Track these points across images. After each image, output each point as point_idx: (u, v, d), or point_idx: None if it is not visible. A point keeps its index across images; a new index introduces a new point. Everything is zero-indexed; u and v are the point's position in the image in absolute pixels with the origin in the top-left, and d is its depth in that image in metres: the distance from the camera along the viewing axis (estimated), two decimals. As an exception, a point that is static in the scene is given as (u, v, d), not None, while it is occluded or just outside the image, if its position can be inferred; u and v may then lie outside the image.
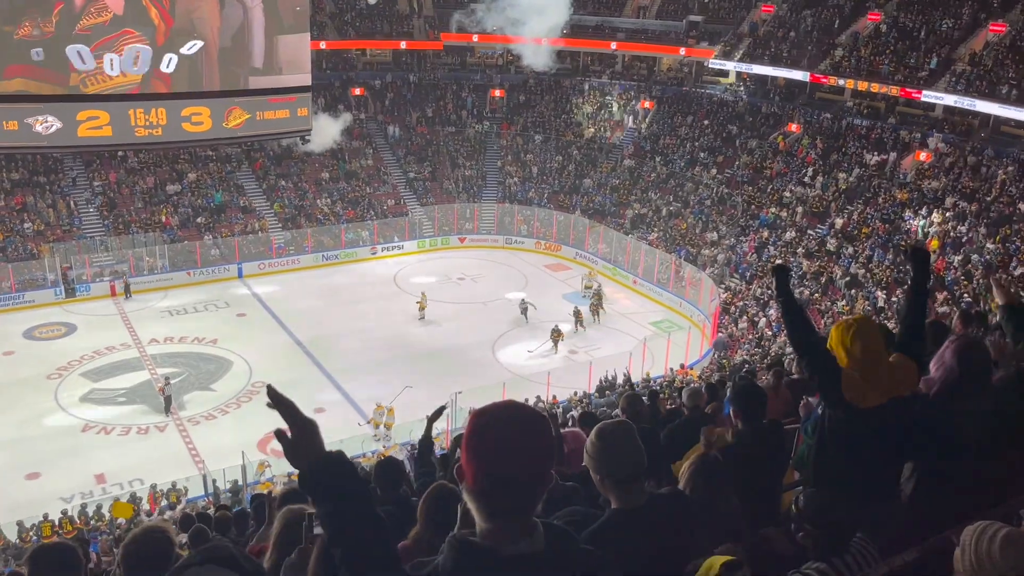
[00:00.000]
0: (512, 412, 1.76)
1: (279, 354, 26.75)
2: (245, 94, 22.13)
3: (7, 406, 22.85)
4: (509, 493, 1.71)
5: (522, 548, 1.72)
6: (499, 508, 1.72)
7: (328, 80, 40.76)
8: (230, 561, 1.57)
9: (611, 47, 43.06)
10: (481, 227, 38.82)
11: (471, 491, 1.74)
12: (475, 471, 1.73)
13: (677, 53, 42.15)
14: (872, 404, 3.27)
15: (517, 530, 1.73)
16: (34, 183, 33.52)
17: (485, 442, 1.73)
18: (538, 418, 1.77)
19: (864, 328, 3.37)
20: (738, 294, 30.31)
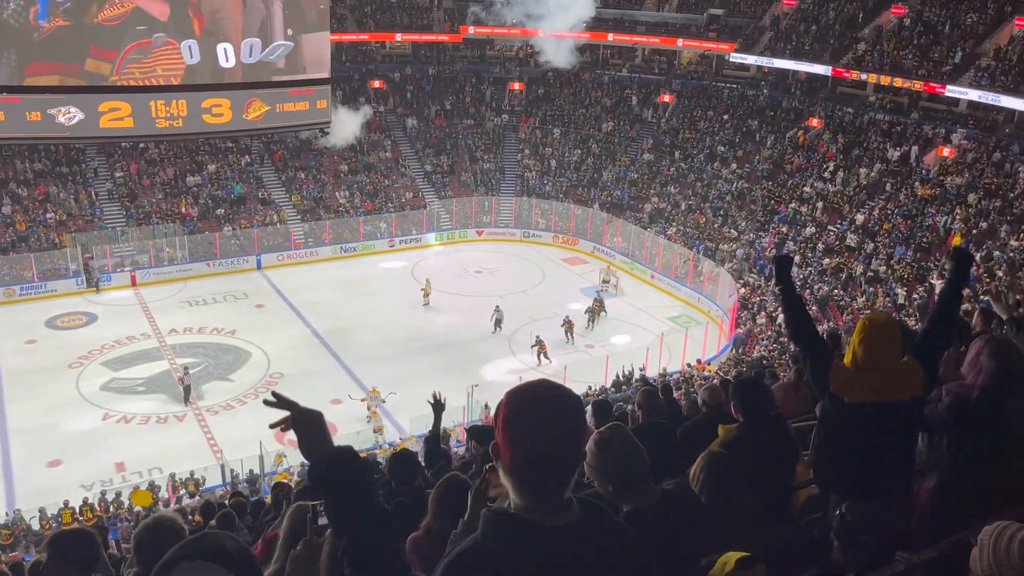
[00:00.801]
0: (545, 390, 1.81)
1: (297, 345, 26.91)
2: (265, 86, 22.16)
3: (29, 394, 23.15)
4: (545, 470, 1.76)
5: (560, 520, 1.76)
6: (536, 485, 1.77)
7: (347, 73, 40.86)
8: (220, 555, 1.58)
9: (631, 40, 42.82)
10: (499, 220, 38.82)
11: (508, 470, 1.79)
12: (512, 450, 1.77)
13: (698, 47, 41.87)
14: (856, 400, 3.28)
15: (554, 506, 1.77)
16: (57, 174, 33.87)
17: (520, 421, 1.77)
18: (570, 395, 1.82)
19: (876, 334, 3.31)
20: (757, 290, 30.14)
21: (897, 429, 3.31)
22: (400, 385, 23.51)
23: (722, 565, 2.65)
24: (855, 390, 3.29)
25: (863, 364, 3.30)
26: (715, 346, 27.70)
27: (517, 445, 1.76)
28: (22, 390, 23.39)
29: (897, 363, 3.32)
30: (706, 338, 27.86)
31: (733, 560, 2.61)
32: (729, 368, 23.40)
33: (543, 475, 1.76)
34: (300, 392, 23.30)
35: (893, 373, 3.29)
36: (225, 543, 1.66)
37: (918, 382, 3.31)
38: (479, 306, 29.93)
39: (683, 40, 41.57)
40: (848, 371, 3.34)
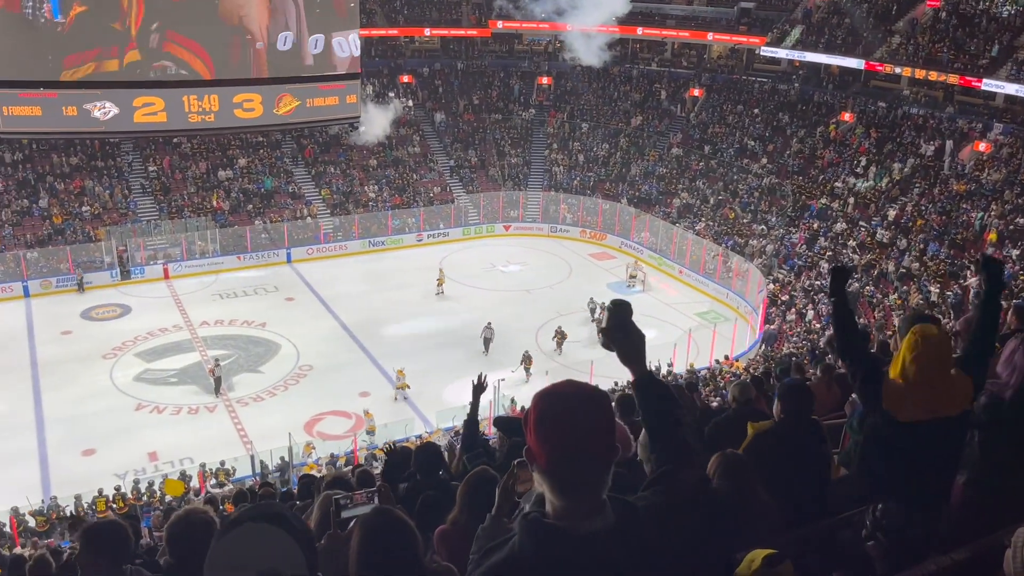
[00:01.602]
0: (574, 391, 1.82)
1: (326, 338, 27.13)
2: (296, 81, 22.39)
3: (65, 384, 23.59)
4: (580, 471, 1.77)
5: (595, 525, 1.77)
6: (571, 486, 1.78)
7: (377, 67, 41.04)
8: (280, 520, 1.63)
9: (660, 34, 42.54)
10: (526, 215, 38.82)
11: (543, 471, 1.79)
12: (545, 452, 1.77)
13: (728, 40, 41.51)
14: (910, 418, 3.22)
15: (589, 506, 1.79)
16: (92, 168, 34.41)
17: (552, 423, 1.78)
18: (600, 395, 1.82)
19: (929, 350, 3.22)
20: (786, 286, 29.86)
21: (947, 443, 3.26)
22: (427, 379, 23.68)
23: (748, 563, 2.64)
24: (908, 407, 3.22)
25: (915, 379, 3.22)
26: (744, 342, 27.50)
27: (550, 447, 1.77)
28: (58, 380, 23.84)
29: (949, 378, 3.25)
30: (734, 334, 27.68)
31: (760, 557, 2.60)
32: (758, 365, 23.21)
33: (578, 476, 1.77)
34: (329, 384, 23.58)
35: (945, 388, 3.22)
36: (284, 511, 1.69)
37: (968, 395, 3.26)
38: (506, 301, 30.01)
39: (713, 34, 41.23)
40: (900, 388, 3.25)
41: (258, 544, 1.57)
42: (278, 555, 1.57)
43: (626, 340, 2.24)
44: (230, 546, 1.57)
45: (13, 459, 19.87)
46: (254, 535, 1.59)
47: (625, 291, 31.44)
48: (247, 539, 1.58)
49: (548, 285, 31.98)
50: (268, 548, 1.57)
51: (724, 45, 42.51)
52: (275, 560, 1.57)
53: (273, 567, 1.56)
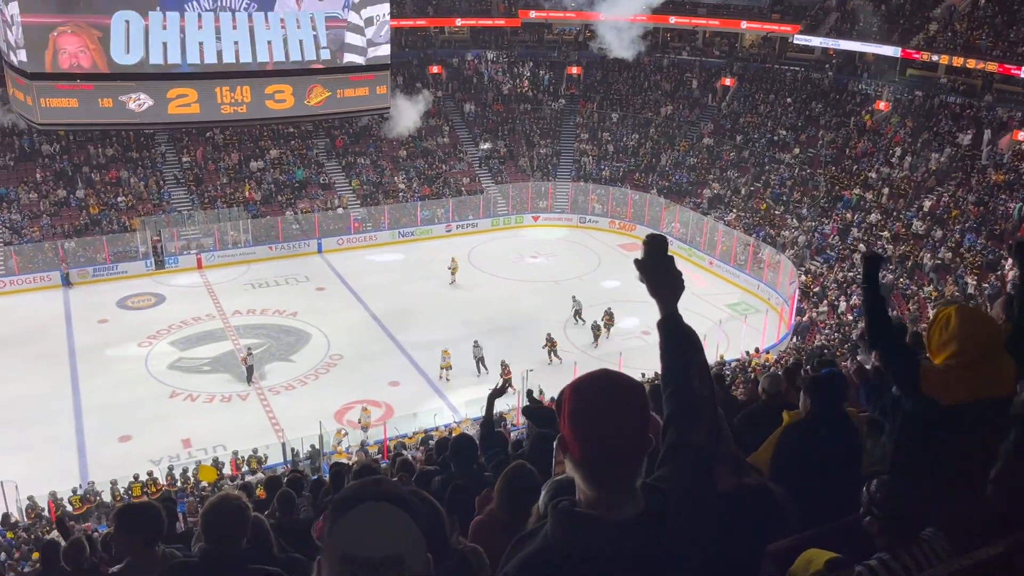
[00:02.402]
0: (608, 382, 1.82)
1: (356, 327, 27.35)
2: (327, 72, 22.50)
3: (101, 371, 24.04)
4: (614, 463, 1.77)
5: (626, 512, 1.78)
6: (605, 477, 1.78)
7: (407, 58, 41.12)
8: (399, 499, 1.60)
9: (692, 23, 42.13)
10: (555, 206, 38.75)
11: (577, 463, 1.80)
12: (580, 443, 1.78)
13: (761, 29, 41.01)
14: (955, 401, 3.15)
15: (622, 496, 1.79)
16: (127, 159, 34.93)
17: (587, 414, 1.78)
18: (635, 385, 1.82)
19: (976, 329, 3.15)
20: (818, 277, 29.54)
21: (991, 427, 3.17)
22: (455, 369, 23.79)
23: (805, 563, 2.57)
24: (951, 390, 3.14)
25: (959, 361, 3.14)
26: (774, 334, 27.27)
27: (584, 439, 1.77)
28: (94, 367, 24.30)
29: (997, 357, 3.16)
30: (765, 326, 27.46)
31: (822, 560, 2.53)
32: (789, 357, 23.00)
33: (612, 466, 1.77)
34: (359, 373, 23.73)
35: (992, 368, 3.14)
36: (401, 489, 1.66)
37: (1013, 377, 3.18)
38: (534, 292, 30.04)
39: (746, 22, 40.78)
40: (940, 370, 3.18)
41: (379, 525, 1.54)
42: (400, 537, 1.54)
43: (659, 271, 2.25)
44: (349, 528, 1.53)
45: (52, 445, 20.31)
46: (374, 516, 1.55)
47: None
48: (367, 520, 1.54)
49: (577, 276, 31.92)
50: (389, 529, 1.54)
51: (756, 33, 42.00)
52: (398, 542, 1.53)
53: (396, 550, 1.52)
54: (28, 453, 19.52)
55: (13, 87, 21.62)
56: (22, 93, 20.55)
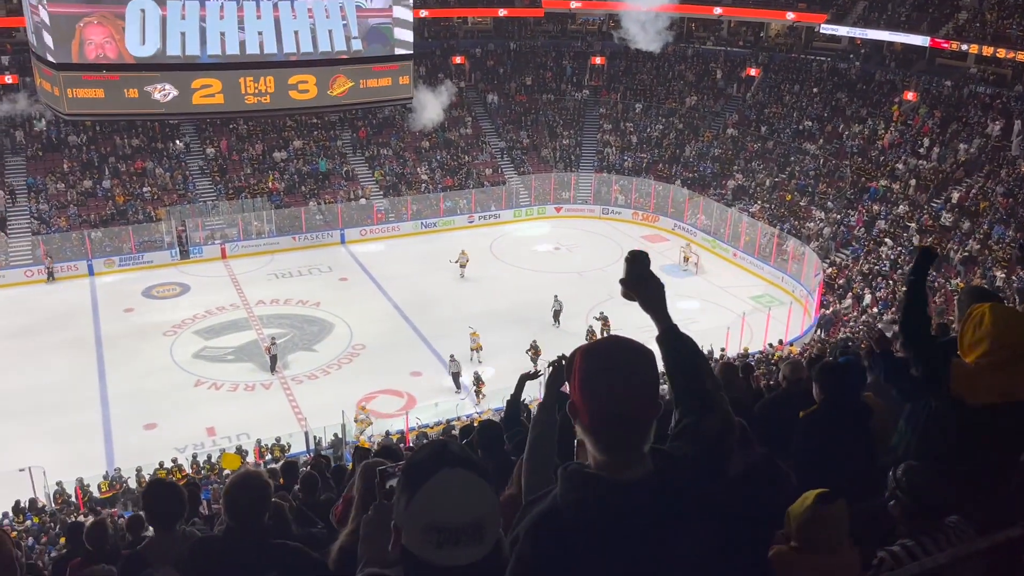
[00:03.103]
0: (619, 347, 1.83)
1: (378, 318, 27.46)
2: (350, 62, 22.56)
3: (128, 360, 24.33)
4: (624, 426, 1.78)
5: (635, 474, 1.79)
6: (615, 441, 1.79)
7: (429, 48, 41.10)
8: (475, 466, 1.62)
9: (714, 12, 41.71)
10: (578, 197, 38.63)
11: (587, 428, 1.81)
12: (589, 409, 1.79)
13: (785, 18, 40.54)
14: (982, 401, 3.07)
15: (631, 459, 1.80)
16: (152, 149, 35.25)
17: (598, 379, 1.79)
18: (644, 350, 1.82)
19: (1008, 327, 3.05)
20: (843, 269, 29.23)
21: (1019, 430, 3.08)
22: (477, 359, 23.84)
23: (801, 501, 2.70)
24: (980, 390, 3.05)
25: (990, 361, 3.04)
26: (798, 327, 27.03)
27: (595, 403, 1.78)
28: (121, 356, 24.59)
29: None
30: (789, 318, 27.23)
31: (812, 496, 2.65)
32: (812, 350, 22.81)
33: (622, 431, 1.78)
34: (381, 363, 23.78)
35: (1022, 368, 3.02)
36: (470, 453, 1.67)
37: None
38: (557, 283, 29.95)
39: (772, 11, 40.31)
40: (971, 369, 3.09)
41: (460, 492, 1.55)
42: (479, 501, 1.56)
43: (648, 288, 2.24)
44: (432, 497, 1.53)
45: (79, 432, 20.60)
46: (453, 483, 1.56)
47: (679, 274, 31.16)
48: (447, 488, 1.55)
49: (600, 267, 31.81)
50: (470, 495, 1.56)
51: (782, 23, 41.53)
52: (478, 507, 1.56)
53: (478, 515, 1.55)
54: (56, 439, 19.82)
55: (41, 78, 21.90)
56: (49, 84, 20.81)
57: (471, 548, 1.55)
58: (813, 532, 2.66)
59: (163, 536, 3.48)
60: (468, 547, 1.55)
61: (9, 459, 17.85)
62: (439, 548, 1.54)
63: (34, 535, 15.23)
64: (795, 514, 2.72)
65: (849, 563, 2.67)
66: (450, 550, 1.54)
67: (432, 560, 1.55)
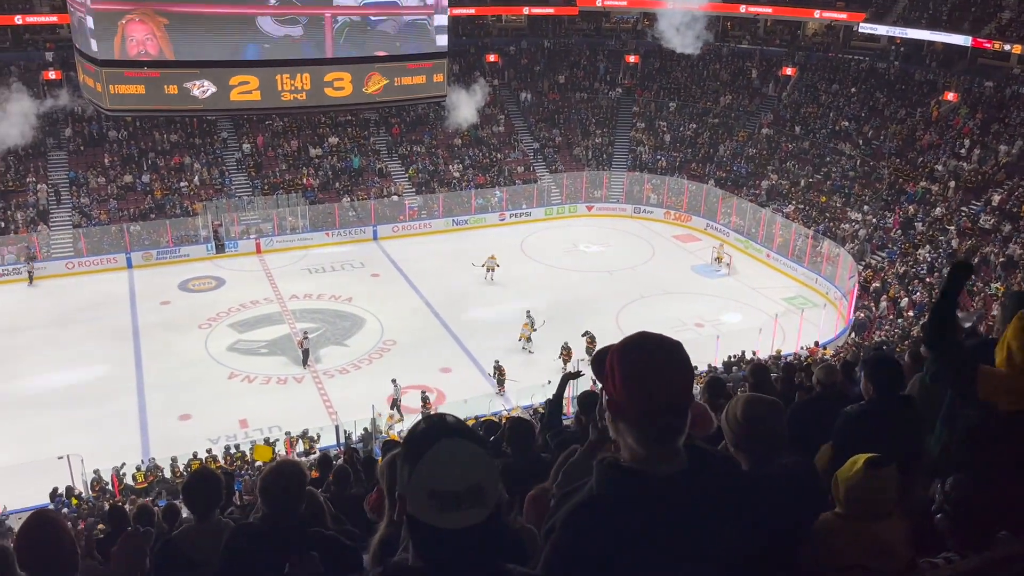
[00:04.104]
0: (656, 342, 1.87)
1: (409, 314, 27.62)
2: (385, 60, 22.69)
3: (164, 352, 24.73)
4: (665, 420, 1.82)
5: (670, 468, 1.83)
6: (656, 435, 1.83)
7: (463, 46, 41.19)
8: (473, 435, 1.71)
9: (751, 11, 41.33)
10: (609, 195, 38.51)
11: (633, 422, 1.85)
12: (639, 403, 1.82)
13: (823, 17, 40.06)
14: (1012, 408, 3.03)
15: (666, 453, 1.84)
16: (190, 144, 35.78)
17: (639, 374, 1.83)
18: (677, 345, 1.87)
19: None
20: (879, 272, 28.84)
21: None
22: (507, 357, 23.86)
23: (851, 465, 2.65)
24: (1013, 396, 3.00)
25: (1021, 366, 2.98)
26: (832, 329, 26.73)
27: (644, 395, 1.81)
28: (157, 347, 25.01)
29: None
30: (822, 321, 26.93)
31: (862, 460, 2.60)
32: (846, 353, 22.54)
33: (663, 425, 1.82)
34: (411, 359, 23.88)
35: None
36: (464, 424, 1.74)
37: None
38: (587, 282, 29.94)
39: (810, 10, 39.84)
40: (1001, 376, 3.04)
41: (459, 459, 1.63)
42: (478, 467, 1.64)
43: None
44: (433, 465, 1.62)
45: (116, 421, 21.00)
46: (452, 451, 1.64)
47: (710, 274, 30.98)
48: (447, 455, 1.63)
49: (630, 267, 31.73)
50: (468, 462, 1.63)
51: (820, 22, 41.04)
52: (477, 473, 1.63)
53: (477, 480, 1.63)
54: (93, 428, 20.21)
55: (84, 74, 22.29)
56: (92, 80, 21.17)
57: (473, 511, 1.62)
58: (862, 496, 2.60)
59: (200, 523, 3.57)
60: (470, 510, 1.62)
61: (48, 447, 18.25)
62: (442, 512, 1.61)
63: (72, 521, 15.56)
64: (843, 478, 2.65)
65: (898, 533, 2.59)
66: (452, 514, 1.61)
67: (437, 524, 1.62)
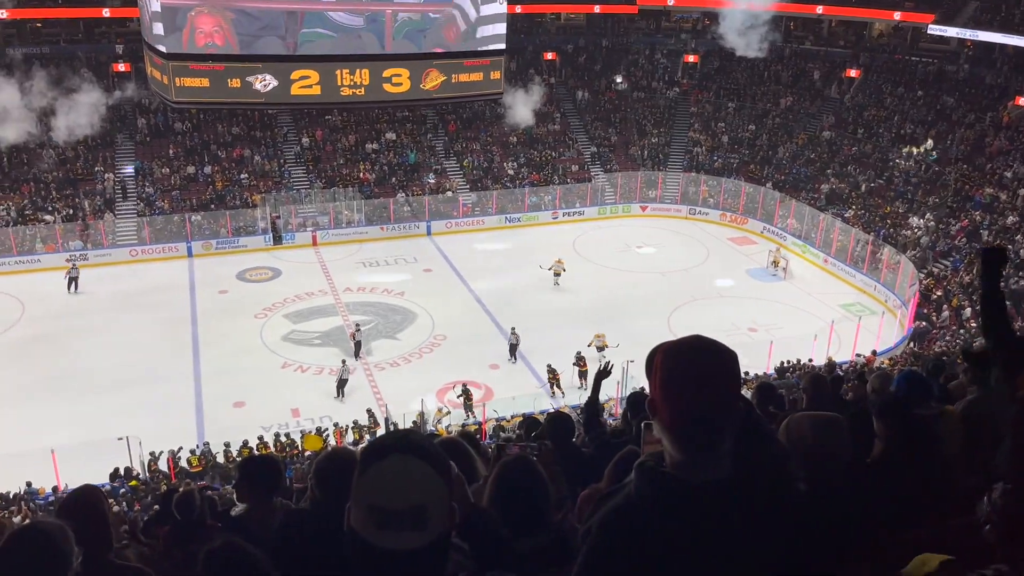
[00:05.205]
0: (702, 346, 1.83)
1: (460, 310, 27.78)
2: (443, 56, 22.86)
3: (220, 340, 25.30)
4: (705, 425, 1.77)
5: (712, 475, 1.79)
6: (695, 440, 1.79)
7: (521, 44, 41.21)
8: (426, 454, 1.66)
9: (816, 11, 40.50)
10: (664, 196, 38.14)
11: (667, 427, 1.81)
12: (670, 408, 1.79)
13: (891, 18, 39.07)
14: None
15: (708, 460, 1.80)
16: (251, 137, 36.50)
17: (680, 377, 1.79)
18: (727, 350, 1.82)
19: None
20: (941, 280, 28.04)
21: None
22: (556, 355, 23.80)
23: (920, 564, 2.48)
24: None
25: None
26: (890, 338, 26.08)
27: (676, 403, 1.78)
28: (214, 335, 25.60)
29: None
30: (880, 329, 26.30)
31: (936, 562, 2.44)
32: (905, 363, 21.98)
33: (703, 430, 1.78)
34: (461, 354, 24.04)
35: None
36: (428, 442, 1.70)
37: None
38: (639, 283, 29.72)
39: (876, 10, 38.89)
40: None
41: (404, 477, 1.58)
42: (424, 489, 1.59)
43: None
44: (376, 479, 1.58)
45: (173, 405, 21.56)
46: (399, 467, 1.59)
47: (766, 278, 30.51)
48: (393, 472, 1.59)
49: (683, 268, 31.42)
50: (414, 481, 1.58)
51: (887, 23, 40.04)
52: (422, 494, 1.58)
53: (420, 502, 1.57)
54: (150, 411, 20.77)
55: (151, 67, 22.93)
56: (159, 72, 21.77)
57: (411, 534, 1.56)
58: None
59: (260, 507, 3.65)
60: (408, 532, 1.55)
61: (108, 428, 18.83)
62: (379, 530, 1.56)
63: (127, 500, 16.02)
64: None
65: None
66: (390, 533, 1.55)
67: (373, 541, 1.57)
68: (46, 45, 37.00)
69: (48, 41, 37.51)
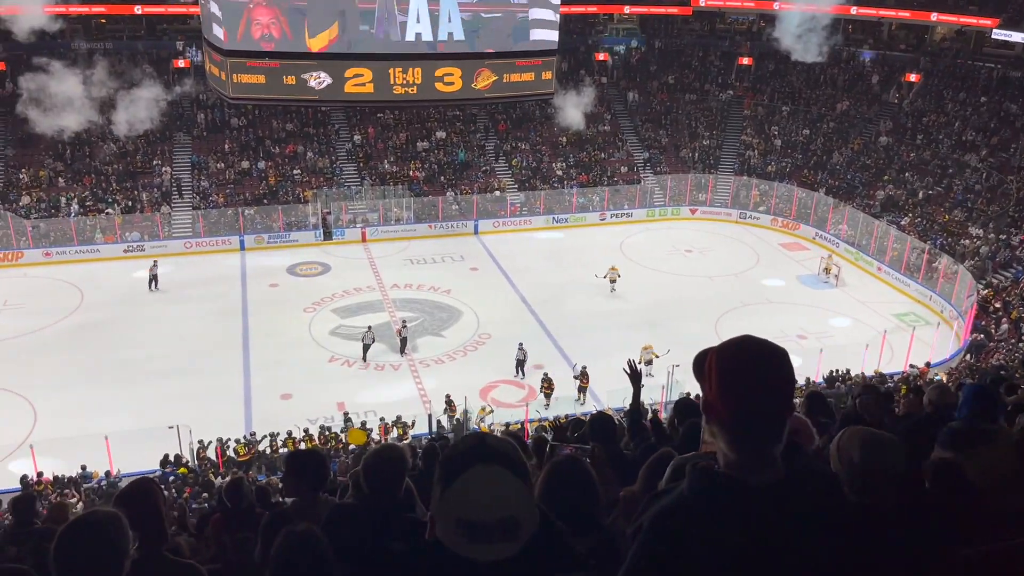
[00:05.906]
0: (758, 346, 1.83)
1: (506, 309, 27.82)
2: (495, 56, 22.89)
3: (271, 332, 25.72)
4: (758, 425, 1.78)
5: (766, 477, 1.78)
6: (750, 440, 1.79)
7: (573, 44, 41.11)
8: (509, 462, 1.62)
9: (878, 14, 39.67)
10: (715, 199, 37.72)
11: (723, 426, 1.81)
12: (725, 406, 1.80)
13: (955, 22, 38.07)
14: None
15: (762, 461, 1.80)
16: (304, 134, 37.03)
17: (737, 377, 1.80)
18: (781, 351, 1.82)
19: None
20: (1001, 292, 27.23)
21: None
22: (601, 357, 23.64)
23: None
24: None
25: None
26: (945, 350, 25.41)
27: (734, 401, 1.78)
28: (264, 328, 26.03)
29: None
30: (935, 340, 25.65)
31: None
32: (960, 376, 21.39)
33: (758, 430, 1.78)
34: (506, 354, 24.01)
35: None
36: (507, 448, 1.68)
37: None
38: (687, 286, 29.43)
39: (938, 14, 37.95)
40: None
41: (492, 490, 1.56)
42: (513, 500, 1.58)
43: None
44: (463, 492, 1.56)
45: (222, 395, 21.98)
46: (485, 479, 1.57)
47: (817, 285, 29.96)
48: (479, 484, 1.57)
49: (733, 273, 31.01)
50: (503, 493, 1.57)
51: (949, 26, 39.03)
52: (512, 506, 1.57)
53: (511, 513, 1.56)
54: (200, 400, 21.18)
55: (210, 63, 23.35)
56: (217, 69, 22.16)
57: (503, 545, 1.56)
58: None
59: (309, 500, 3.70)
60: (500, 544, 1.55)
61: (160, 414, 19.28)
62: (471, 543, 1.55)
63: (177, 487, 16.36)
64: None
65: None
66: (482, 546, 1.55)
67: (464, 553, 1.56)
68: (109, 40, 38.04)
69: (111, 36, 38.56)
